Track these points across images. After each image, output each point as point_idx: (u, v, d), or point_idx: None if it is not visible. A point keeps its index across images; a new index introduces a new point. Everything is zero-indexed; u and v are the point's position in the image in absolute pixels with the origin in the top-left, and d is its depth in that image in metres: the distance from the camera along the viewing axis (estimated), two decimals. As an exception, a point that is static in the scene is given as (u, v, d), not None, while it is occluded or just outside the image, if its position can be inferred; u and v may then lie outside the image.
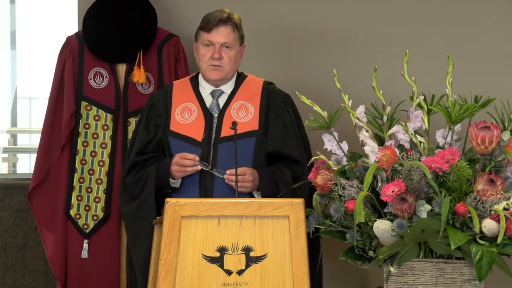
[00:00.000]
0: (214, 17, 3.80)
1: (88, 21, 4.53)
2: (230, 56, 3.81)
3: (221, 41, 3.79)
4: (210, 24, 3.79)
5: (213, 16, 3.81)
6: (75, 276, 4.44)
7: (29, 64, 6.77)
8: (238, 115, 3.82)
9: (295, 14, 4.78)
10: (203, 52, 3.82)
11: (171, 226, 3.28)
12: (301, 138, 3.89)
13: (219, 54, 3.79)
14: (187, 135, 3.82)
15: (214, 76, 3.83)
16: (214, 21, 3.79)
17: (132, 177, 3.86)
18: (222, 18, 3.80)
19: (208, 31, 3.79)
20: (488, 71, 4.69)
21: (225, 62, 3.81)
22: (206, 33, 3.80)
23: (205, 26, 3.81)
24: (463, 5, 4.74)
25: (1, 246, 4.98)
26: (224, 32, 3.80)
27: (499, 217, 3.24)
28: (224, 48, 3.80)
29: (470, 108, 3.42)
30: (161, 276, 3.25)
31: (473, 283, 3.32)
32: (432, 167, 3.28)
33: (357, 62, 4.67)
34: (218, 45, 3.79)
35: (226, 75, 3.84)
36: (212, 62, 3.80)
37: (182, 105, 3.88)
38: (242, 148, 3.72)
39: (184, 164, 3.72)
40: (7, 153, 6.31)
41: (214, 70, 3.82)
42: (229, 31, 3.81)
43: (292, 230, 3.31)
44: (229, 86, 3.89)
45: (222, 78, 3.84)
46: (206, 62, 3.82)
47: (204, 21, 3.84)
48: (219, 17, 3.80)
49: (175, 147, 3.81)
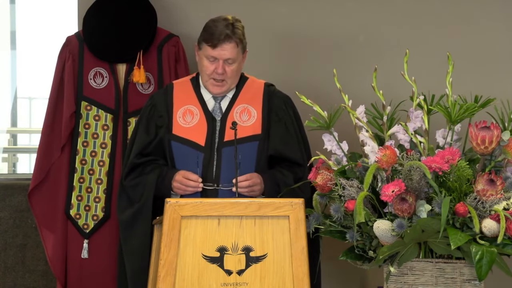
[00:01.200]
0: (219, 32, 3.72)
1: (88, 21, 4.53)
2: (233, 69, 3.78)
3: (225, 58, 3.75)
4: (215, 40, 3.72)
5: (218, 30, 3.73)
6: (75, 276, 4.44)
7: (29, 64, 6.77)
8: (241, 119, 3.81)
9: (295, 14, 4.78)
10: (206, 65, 3.77)
11: (171, 226, 3.28)
12: (302, 140, 3.89)
13: (223, 70, 3.76)
14: (189, 139, 3.80)
15: (216, 91, 3.81)
16: (219, 37, 3.71)
17: (131, 181, 3.83)
18: (227, 34, 3.72)
19: (213, 46, 3.73)
20: (488, 71, 4.69)
21: (228, 76, 3.78)
22: (211, 49, 3.73)
23: (209, 40, 3.73)
24: (463, 5, 4.74)
25: (1, 246, 4.98)
26: (228, 49, 3.74)
27: (499, 217, 3.24)
28: (227, 64, 3.77)
29: (470, 108, 3.42)
30: (161, 276, 3.25)
31: (473, 283, 3.32)
32: (432, 167, 3.28)
33: (357, 62, 4.67)
34: (222, 60, 3.75)
35: (228, 88, 3.82)
36: (215, 77, 3.77)
37: (184, 107, 3.86)
38: (245, 152, 3.72)
39: (186, 184, 3.72)
40: (7, 153, 6.31)
41: (216, 86, 3.80)
42: (233, 47, 3.74)
43: (292, 230, 3.31)
44: (231, 89, 3.88)
45: (224, 92, 3.83)
46: (208, 75, 3.78)
47: (208, 32, 3.76)
48: (224, 32, 3.72)
49: (178, 151, 3.80)
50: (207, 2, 4.70)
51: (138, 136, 3.88)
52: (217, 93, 3.82)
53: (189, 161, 3.77)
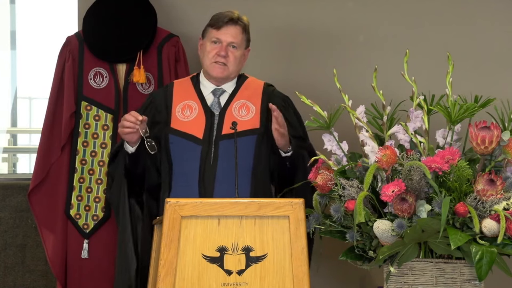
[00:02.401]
0: (225, 16, 3.83)
1: (88, 21, 4.53)
2: (236, 56, 3.83)
3: (229, 40, 3.81)
4: (221, 22, 3.81)
5: (223, 14, 3.84)
6: (75, 276, 4.44)
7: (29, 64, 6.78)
8: (239, 114, 3.83)
9: (295, 14, 4.78)
10: (209, 49, 3.83)
11: (171, 226, 3.28)
12: (302, 133, 3.89)
13: (226, 52, 3.81)
14: (187, 132, 3.82)
15: (217, 73, 3.83)
16: (224, 19, 3.82)
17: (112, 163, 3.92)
18: (232, 17, 3.83)
19: (218, 28, 3.81)
20: (488, 71, 4.69)
21: (230, 61, 3.82)
22: (215, 30, 3.82)
23: (215, 24, 3.83)
24: (463, 5, 4.74)
25: (1, 246, 4.98)
26: (233, 32, 3.82)
27: (499, 217, 3.24)
28: (230, 48, 3.82)
29: (470, 108, 3.42)
30: (161, 276, 3.25)
31: (473, 283, 3.32)
32: (432, 167, 3.28)
33: (357, 62, 4.67)
34: (226, 43, 3.81)
35: (229, 74, 3.84)
36: (218, 59, 3.82)
37: (182, 102, 3.88)
38: (243, 146, 3.72)
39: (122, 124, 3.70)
40: (7, 153, 6.32)
41: (218, 67, 3.82)
42: (238, 32, 3.83)
43: (292, 230, 3.31)
44: (231, 85, 3.89)
45: (225, 76, 3.84)
46: (211, 58, 3.82)
47: (213, 19, 3.86)
48: (229, 16, 3.83)
49: (175, 144, 3.81)
50: (207, 2, 4.70)
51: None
52: (217, 75, 3.83)
53: (187, 154, 3.78)
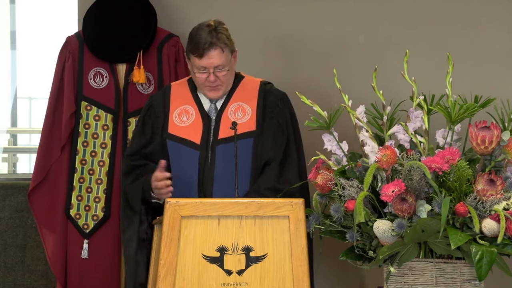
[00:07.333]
0: (204, 41, 3.70)
1: (88, 21, 4.53)
2: (225, 74, 3.76)
3: (214, 65, 3.73)
4: (201, 49, 3.70)
5: (202, 38, 3.71)
6: (75, 276, 4.44)
7: (29, 64, 6.78)
8: (235, 117, 3.81)
9: (295, 14, 4.78)
10: (198, 76, 3.76)
11: (171, 226, 3.28)
12: (293, 137, 3.86)
13: (215, 77, 3.74)
14: (185, 137, 3.81)
15: (212, 95, 3.80)
16: (204, 45, 3.70)
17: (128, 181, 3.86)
18: (211, 41, 3.70)
19: (199, 56, 3.71)
20: (488, 71, 4.69)
21: (222, 82, 3.77)
22: (198, 59, 3.72)
23: (195, 51, 3.72)
24: (463, 5, 4.74)
25: (1, 246, 4.98)
26: (215, 55, 3.72)
27: (499, 217, 3.24)
28: (218, 70, 3.75)
29: (470, 108, 3.42)
30: (161, 276, 3.25)
31: (473, 283, 3.32)
32: (432, 167, 3.28)
33: (357, 62, 4.67)
34: (212, 69, 3.73)
35: (224, 91, 3.82)
36: (209, 85, 3.77)
37: (180, 107, 3.86)
38: (241, 149, 3.71)
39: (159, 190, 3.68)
40: (7, 153, 6.32)
41: (212, 91, 3.79)
42: (219, 53, 3.72)
43: (292, 230, 3.31)
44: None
45: (221, 96, 3.82)
46: (201, 84, 3.78)
47: (192, 42, 3.74)
48: (208, 41, 3.70)
49: (173, 150, 3.81)
50: (207, 2, 4.70)
51: (134, 136, 3.91)
52: (214, 97, 3.82)
53: (185, 159, 3.78)
